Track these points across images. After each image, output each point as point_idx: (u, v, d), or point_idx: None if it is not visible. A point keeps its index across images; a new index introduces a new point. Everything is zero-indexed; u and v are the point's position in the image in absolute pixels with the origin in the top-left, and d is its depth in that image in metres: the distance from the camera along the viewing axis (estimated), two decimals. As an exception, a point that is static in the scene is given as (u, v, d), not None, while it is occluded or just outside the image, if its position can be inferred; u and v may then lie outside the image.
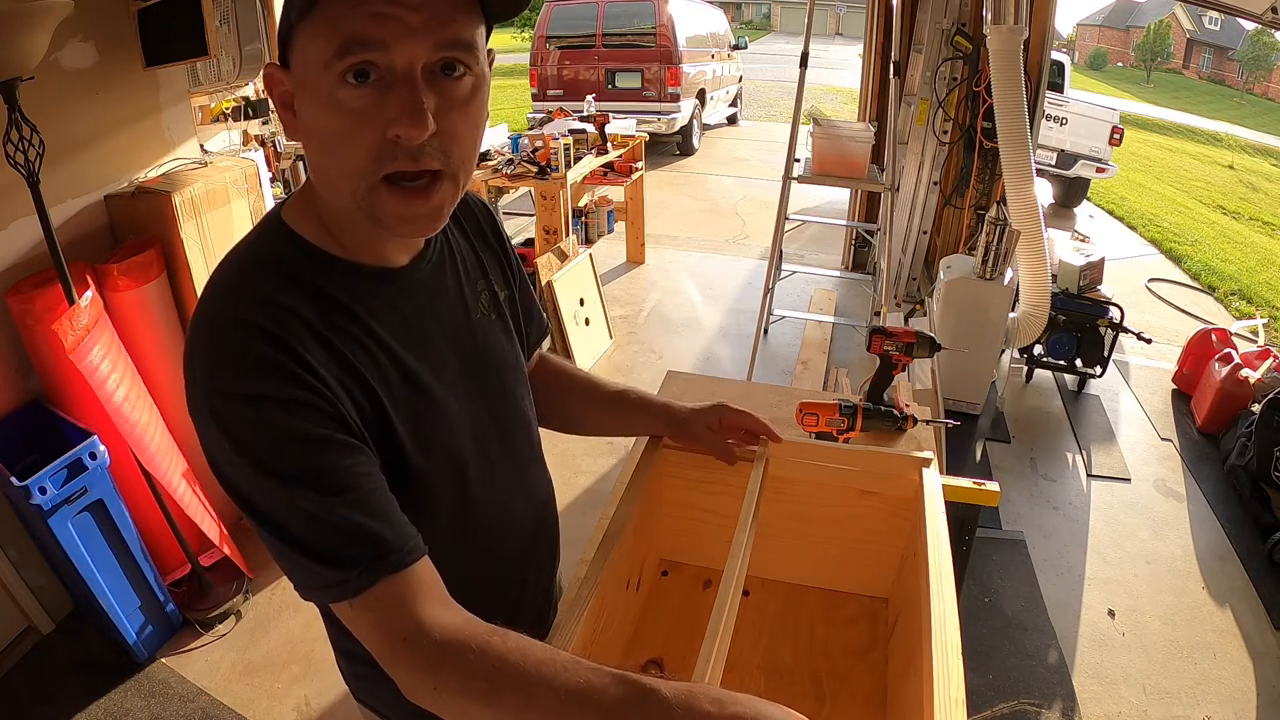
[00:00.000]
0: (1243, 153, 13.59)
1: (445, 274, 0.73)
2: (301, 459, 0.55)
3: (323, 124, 0.56)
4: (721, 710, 0.49)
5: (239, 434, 0.54)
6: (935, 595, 0.71)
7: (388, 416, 0.63)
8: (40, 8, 1.44)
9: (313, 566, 0.55)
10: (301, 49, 0.56)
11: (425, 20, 0.53)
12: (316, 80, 0.55)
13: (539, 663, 0.52)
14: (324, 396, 0.57)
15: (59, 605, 2.03)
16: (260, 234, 0.64)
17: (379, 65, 0.54)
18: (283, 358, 0.55)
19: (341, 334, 0.60)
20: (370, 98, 0.54)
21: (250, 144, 2.98)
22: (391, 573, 0.55)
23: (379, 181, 0.57)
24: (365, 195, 0.57)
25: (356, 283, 0.63)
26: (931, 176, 3.93)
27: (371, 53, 0.53)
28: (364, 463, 0.58)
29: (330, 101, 0.55)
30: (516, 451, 0.80)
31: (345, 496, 0.55)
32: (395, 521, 0.58)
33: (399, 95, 0.54)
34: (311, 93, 0.56)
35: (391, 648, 0.55)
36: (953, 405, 3.04)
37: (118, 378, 1.76)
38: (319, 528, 0.55)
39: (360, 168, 0.56)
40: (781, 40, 26.88)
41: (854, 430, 1.20)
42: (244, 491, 0.56)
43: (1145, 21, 29.70)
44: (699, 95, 8.21)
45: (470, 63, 0.57)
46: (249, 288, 0.58)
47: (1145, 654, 2.08)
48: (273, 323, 0.56)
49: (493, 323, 0.77)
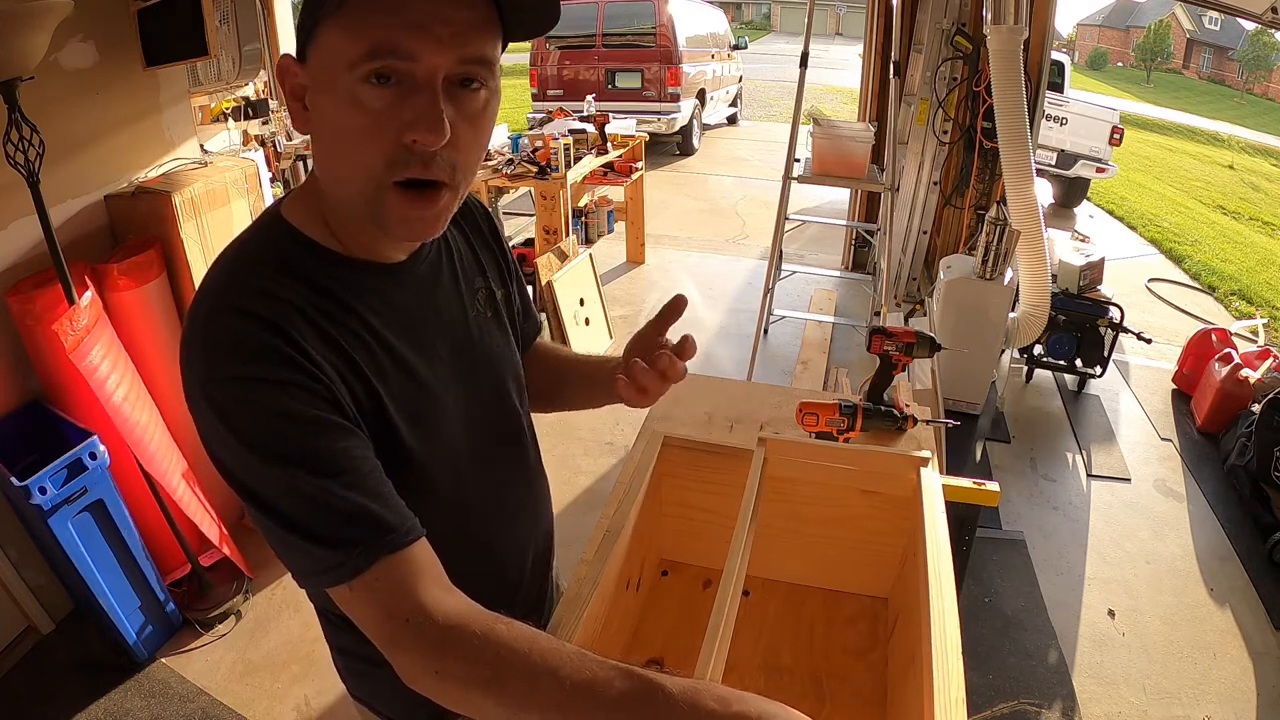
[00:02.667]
0: (1243, 153, 13.59)
1: (442, 271, 0.73)
2: (296, 440, 0.55)
3: (340, 120, 0.56)
4: (726, 708, 0.49)
5: (234, 417, 0.54)
6: (935, 595, 0.71)
7: (383, 405, 0.63)
8: (40, 8, 1.44)
9: (310, 548, 0.55)
10: (326, 45, 0.56)
11: (454, 34, 0.55)
12: (338, 77, 0.55)
13: (545, 652, 0.52)
14: (319, 380, 0.57)
15: (59, 605, 2.03)
16: (258, 228, 0.64)
17: (401, 70, 0.55)
18: (278, 341, 0.56)
19: (337, 325, 0.61)
20: (390, 99, 0.55)
21: (250, 144, 2.98)
22: (390, 552, 0.55)
23: (389, 184, 0.58)
24: (374, 195, 0.58)
25: (353, 276, 0.64)
26: (931, 176, 3.93)
27: (400, 60, 0.54)
28: (359, 445, 0.58)
29: (350, 99, 0.55)
30: (510, 445, 0.81)
31: (341, 478, 0.55)
32: (392, 503, 0.58)
33: (420, 101, 0.55)
34: (330, 88, 0.56)
35: (393, 629, 0.54)
36: (953, 405, 3.04)
37: (117, 378, 1.76)
38: (315, 509, 0.54)
39: (372, 168, 0.57)
40: (781, 40, 26.89)
41: (854, 430, 1.20)
42: (240, 476, 0.56)
43: (1145, 21, 29.70)
44: (699, 95, 8.21)
45: (487, 78, 0.59)
46: (245, 279, 0.59)
47: (1145, 654, 2.08)
48: (268, 310, 0.57)
49: (489, 320, 0.78)
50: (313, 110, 0.59)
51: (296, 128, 0.61)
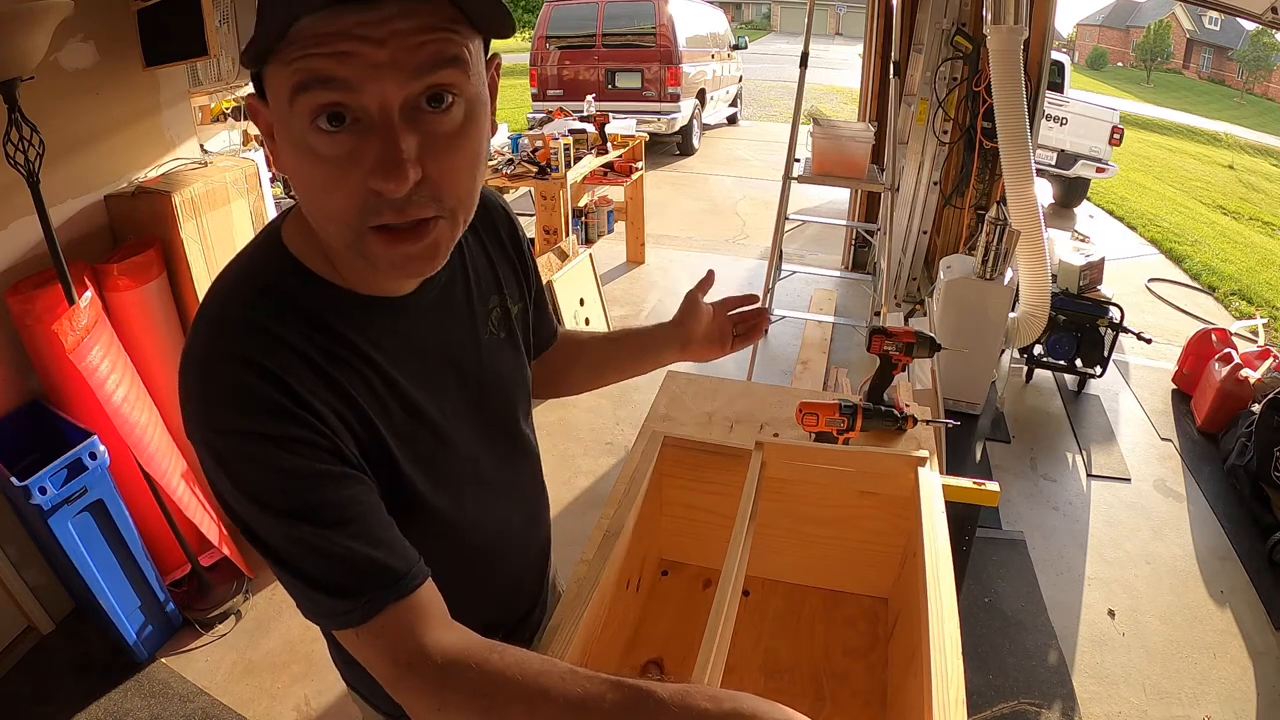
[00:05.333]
0: (1243, 153, 13.59)
1: (455, 293, 0.70)
2: (299, 495, 0.54)
3: (298, 170, 0.52)
4: (718, 706, 0.50)
5: (236, 470, 0.54)
6: (934, 595, 0.71)
7: (386, 445, 0.62)
8: (40, 8, 1.44)
9: (318, 597, 0.55)
10: (271, 84, 0.51)
11: (393, 54, 0.47)
12: (286, 122, 0.50)
13: (537, 674, 0.53)
14: (319, 431, 0.56)
15: (59, 605, 2.03)
16: (257, 253, 0.62)
17: (352, 107, 0.48)
18: (275, 393, 0.54)
19: (338, 363, 0.59)
20: (348, 144, 0.49)
21: (250, 144, 2.98)
22: (397, 600, 0.55)
23: (366, 230, 0.53)
24: (354, 241, 0.53)
25: (355, 310, 0.61)
26: (931, 176, 3.93)
27: (338, 93, 0.47)
28: (363, 492, 0.58)
29: (303, 147, 0.50)
30: (516, 470, 0.81)
31: (347, 529, 0.55)
32: (398, 547, 0.58)
33: (373, 144, 0.49)
34: (285, 135, 0.51)
35: (397, 674, 0.55)
36: (953, 405, 3.04)
37: (117, 378, 1.76)
38: (322, 560, 0.54)
39: (344, 217, 0.52)
40: (781, 40, 26.88)
41: (854, 430, 1.20)
42: (246, 521, 0.56)
43: (1145, 21, 29.72)
44: (699, 95, 8.21)
45: (458, 86, 0.51)
46: (246, 315, 0.57)
47: (1145, 654, 2.08)
48: (266, 355, 0.55)
49: (501, 342, 0.76)
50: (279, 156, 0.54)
51: (276, 168, 0.56)
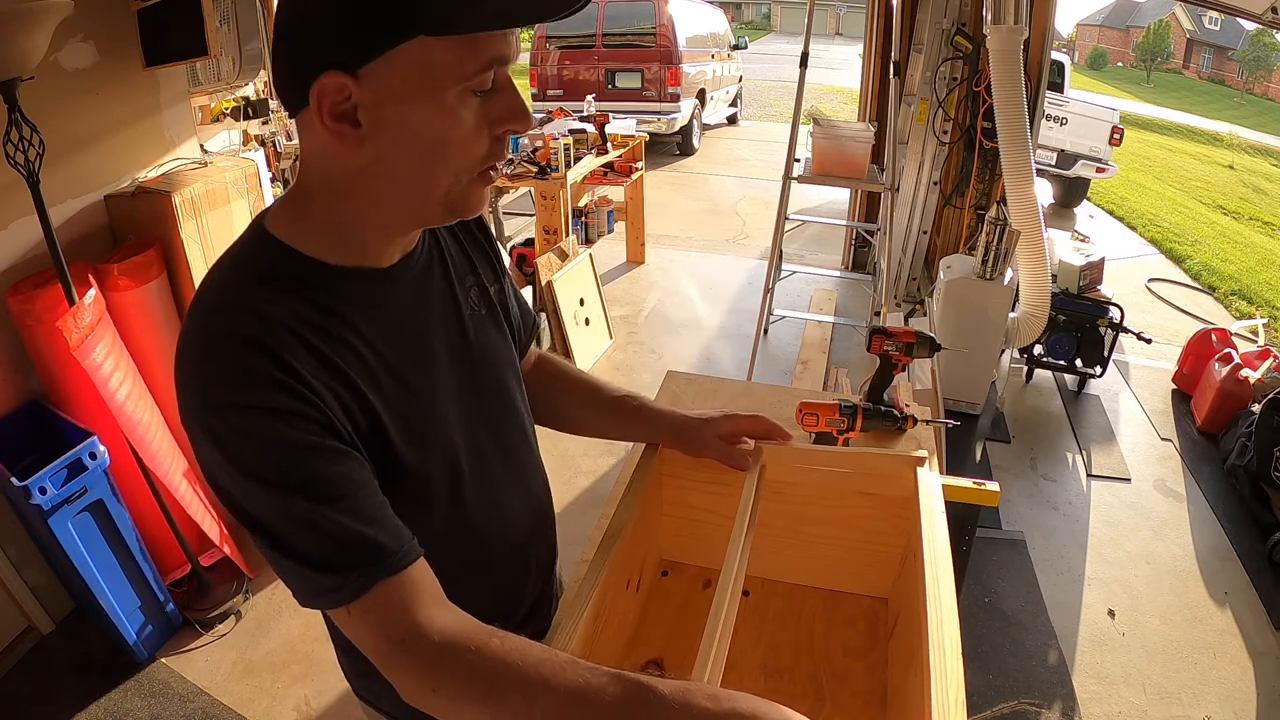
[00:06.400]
0: (1243, 153, 13.61)
1: (434, 272, 0.73)
2: (293, 467, 0.55)
3: (442, 129, 0.57)
4: (718, 705, 0.50)
5: (231, 445, 0.54)
6: (934, 595, 0.71)
7: (379, 419, 0.63)
8: (40, 8, 1.44)
9: (308, 573, 0.55)
10: (424, 59, 0.54)
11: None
12: (443, 89, 0.55)
13: (538, 663, 0.53)
14: (313, 404, 0.57)
15: (59, 605, 2.03)
16: (244, 245, 0.63)
17: (497, 74, 0.59)
18: (271, 367, 0.55)
19: (329, 339, 0.60)
20: (482, 104, 0.59)
21: (250, 144, 2.98)
22: (388, 576, 0.56)
23: (477, 175, 0.62)
24: (464, 189, 0.61)
25: (344, 285, 0.63)
26: (931, 176, 3.93)
27: (505, 67, 0.59)
28: (356, 468, 0.58)
29: (453, 110, 0.57)
30: (510, 445, 0.80)
31: (338, 504, 0.56)
32: (389, 525, 0.58)
33: (507, 98, 0.60)
34: (426, 100, 0.56)
35: (390, 651, 0.55)
36: (953, 405, 3.04)
37: (120, 376, 1.76)
38: (313, 535, 0.55)
39: (471, 167, 0.60)
40: (781, 40, 26.87)
41: (854, 430, 1.20)
42: (239, 501, 0.56)
43: (1145, 21, 29.72)
44: (699, 95, 8.21)
45: None
46: (234, 300, 0.58)
47: (1145, 654, 2.08)
48: (260, 333, 0.56)
49: (483, 318, 0.78)
50: (387, 125, 0.56)
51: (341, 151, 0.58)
